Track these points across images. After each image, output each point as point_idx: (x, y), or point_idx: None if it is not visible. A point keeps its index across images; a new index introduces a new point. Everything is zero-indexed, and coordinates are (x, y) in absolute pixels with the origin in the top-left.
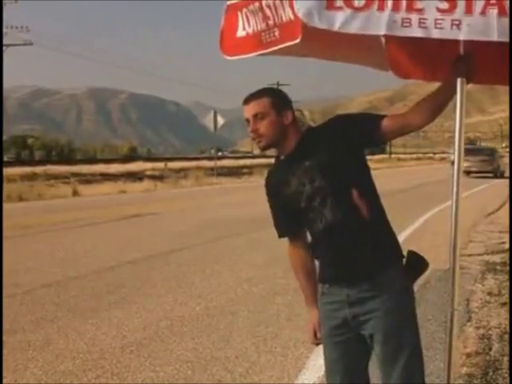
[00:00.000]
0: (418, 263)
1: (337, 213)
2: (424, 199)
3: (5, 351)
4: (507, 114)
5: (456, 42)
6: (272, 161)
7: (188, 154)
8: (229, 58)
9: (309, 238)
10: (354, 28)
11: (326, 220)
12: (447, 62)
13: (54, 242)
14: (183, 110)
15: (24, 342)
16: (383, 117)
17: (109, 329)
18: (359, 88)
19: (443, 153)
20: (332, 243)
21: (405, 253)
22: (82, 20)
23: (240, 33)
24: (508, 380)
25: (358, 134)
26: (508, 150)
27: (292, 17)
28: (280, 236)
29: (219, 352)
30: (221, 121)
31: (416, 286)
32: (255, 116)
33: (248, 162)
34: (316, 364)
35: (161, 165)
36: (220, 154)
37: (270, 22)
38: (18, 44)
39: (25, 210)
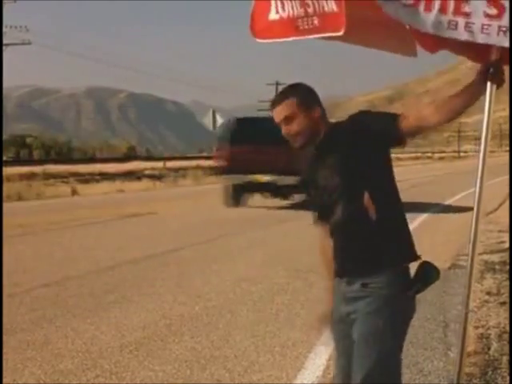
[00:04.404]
0: (430, 273)
1: (346, 212)
2: (423, 199)
3: (4, 350)
4: (506, 113)
5: None
6: None
7: (187, 154)
8: (260, 40)
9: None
10: (402, 18)
11: (337, 217)
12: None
13: (53, 242)
14: (182, 109)
15: (23, 341)
16: (400, 116)
17: (108, 328)
18: (358, 87)
19: (442, 152)
20: (339, 240)
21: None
22: (81, 19)
23: (273, 16)
24: (507, 379)
25: (376, 135)
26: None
27: (335, 9)
28: (314, 222)
29: (218, 351)
30: (219, 120)
31: None
32: (285, 119)
33: None
34: (315, 363)
35: (160, 164)
36: None
37: (310, 10)
38: (16, 43)
39: (24, 209)
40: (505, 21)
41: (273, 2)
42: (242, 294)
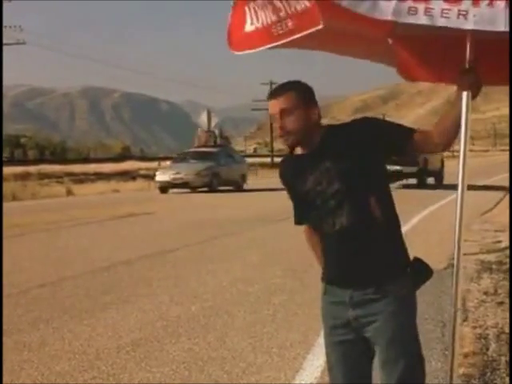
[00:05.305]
0: (422, 271)
1: (352, 218)
2: (418, 199)
3: None
4: (500, 112)
5: (462, 42)
6: (265, 160)
7: None
8: (237, 53)
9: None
10: (361, 8)
11: (339, 224)
12: (453, 64)
13: (49, 242)
14: (176, 108)
15: (19, 342)
16: (412, 129)
17: (104, 329)
18: (353, 87)
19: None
20: (343, 246)
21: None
22: (76, 19)
23: (248, 27)
24: (506, 380)
25: (386, 142)
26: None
27: (308, 4)
28: (295, 223)
29: (215, 352)
30: (214, 120)
31: None
32: (282, 111)
33: None
34: (313, 364)
35: (154, 164)
36: None
37: (282, 14)
38: (11, 43)
39: (19, 209)
40: (464, 5)
41: (248, 14)
42: (238, 294)
